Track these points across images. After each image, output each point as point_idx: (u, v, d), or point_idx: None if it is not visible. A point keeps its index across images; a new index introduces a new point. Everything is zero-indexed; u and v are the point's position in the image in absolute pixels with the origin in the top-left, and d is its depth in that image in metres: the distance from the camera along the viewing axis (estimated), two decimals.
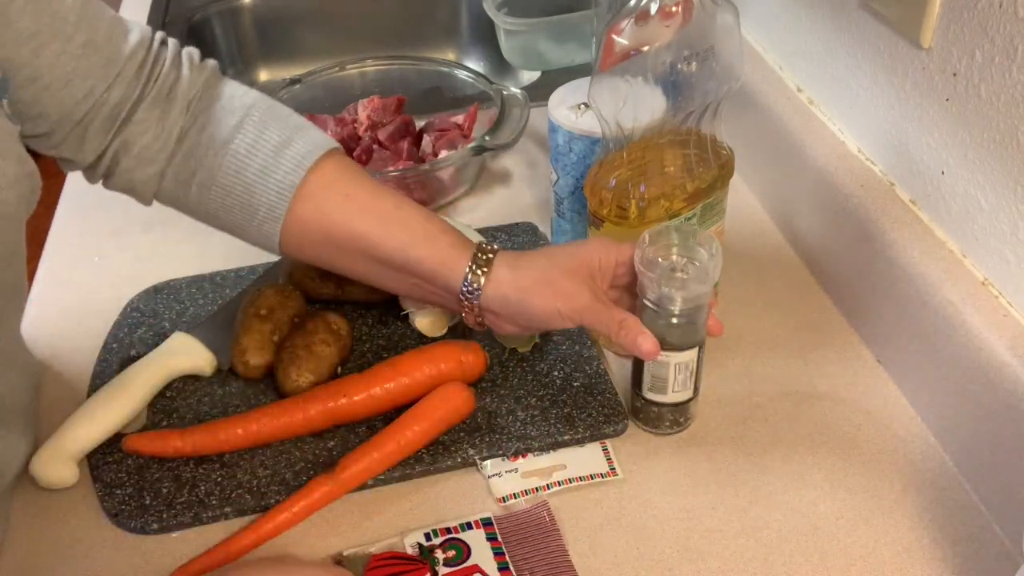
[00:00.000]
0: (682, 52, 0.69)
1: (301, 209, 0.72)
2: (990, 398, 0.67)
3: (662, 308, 0.68)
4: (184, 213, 0.77)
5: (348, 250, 0.73)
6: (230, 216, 0.74)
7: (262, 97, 0.75)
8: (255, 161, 0.71)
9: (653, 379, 0.71)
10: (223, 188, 0.72)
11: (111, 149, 0.71)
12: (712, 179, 0.76)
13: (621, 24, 0.68)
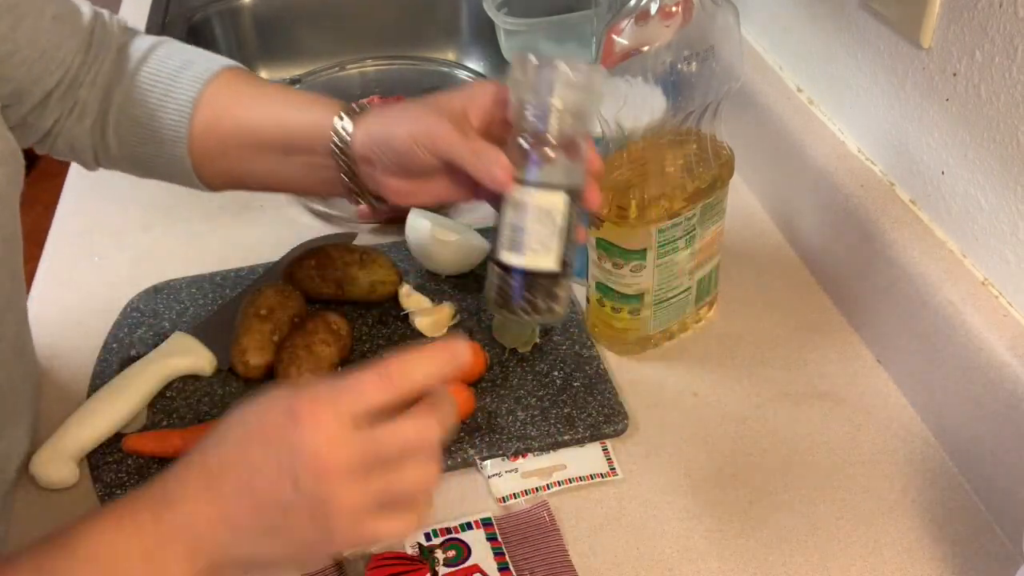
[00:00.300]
0: (682, 52, 0.69)
1: (202, 125, 0.72)
2: (990, 398, 0.67)
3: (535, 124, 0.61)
4: (118, 168, 0.77)
5: (242, 148, 0.72)
6: (144, 149, 0.73)
7: (169, 39, 0.76)
8: (157, 88, 0.72)
9: (511, 231, 0.61)
10: (132, 120, 0.73)
11: (65, 111, 0.72)
12: (712, 179, 0.76)
13: (621, 24, 0.67)
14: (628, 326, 0.80)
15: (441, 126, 0.63)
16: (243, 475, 0.48)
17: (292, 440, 0.47)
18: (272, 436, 0.48)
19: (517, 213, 0.61)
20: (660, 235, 0.75)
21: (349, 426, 0.47)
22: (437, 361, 0.50)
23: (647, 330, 0.81)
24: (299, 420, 0.47)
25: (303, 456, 0.47)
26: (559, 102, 0.60)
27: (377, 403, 0.48)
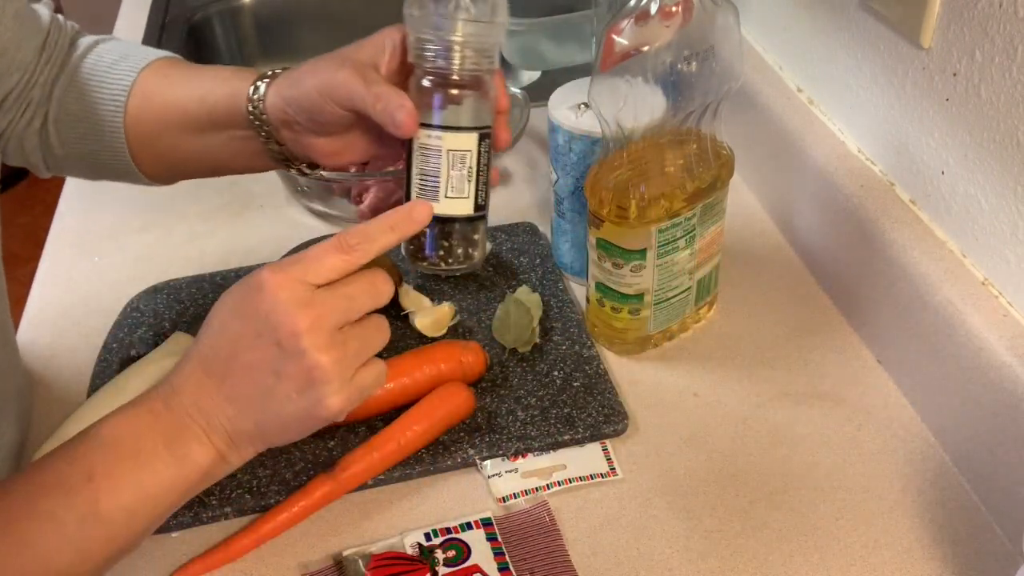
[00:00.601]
0: (682, 52, 0.69)
1: (135, 113, 0.72)
2: (990, 398, 0.67)
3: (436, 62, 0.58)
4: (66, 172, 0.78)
5: (171, 129, 0.72)
6: (85, 145, 0.73)
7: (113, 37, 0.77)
8: (93, 80, 0.72)
9: (422, 178, 0.60)
10: (72, 116, 0.73)
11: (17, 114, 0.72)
12: (712, 179, 0.76)
13: (621, 24, 0.67)
14: (628, 326, 0.80)
15: (342, 75, 0.62)
16: (230, 350, 0.52)
17: (265, 308, 0.52)
18: (247, 310, 0.52)
19: (425, 159, 0.60)
20: (660, 235, 0.75)
21: (313, 289, 0.53)
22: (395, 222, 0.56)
23: (647, 330, 0.81)
24: (267, 289, 0.52)
25: (278, 319, 0.51)
26: (460, 37, 0.57)
27: (338, 270, 0.54)
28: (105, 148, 0.73)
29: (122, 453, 0.52)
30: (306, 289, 0.52)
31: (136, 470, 0.52)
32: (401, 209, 0.57)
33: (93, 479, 0.51)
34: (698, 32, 0.69)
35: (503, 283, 0.89)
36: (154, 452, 0.52)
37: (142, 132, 0.73)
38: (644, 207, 0.73)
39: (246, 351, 0.52)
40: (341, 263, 0.54)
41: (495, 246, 0.93)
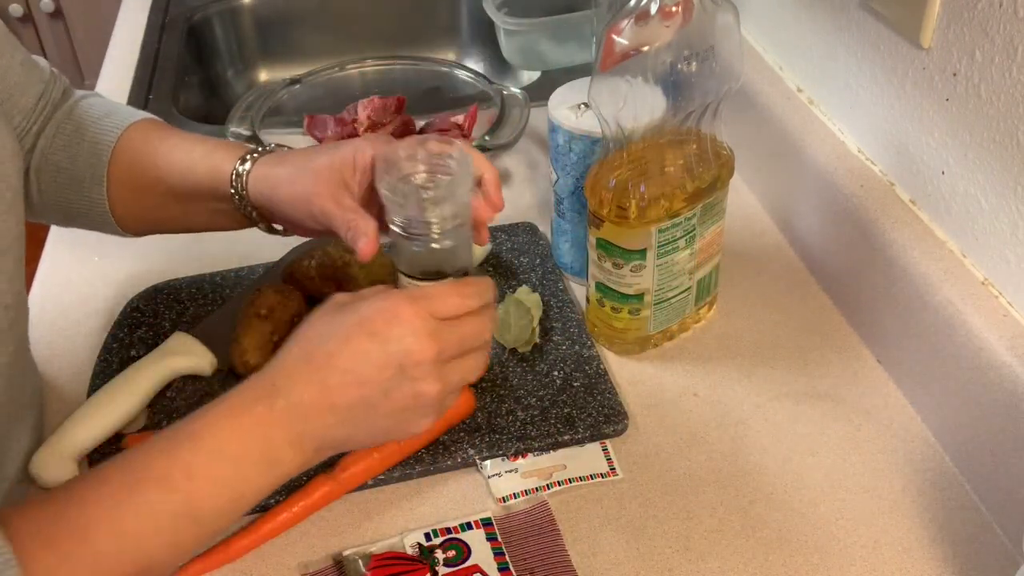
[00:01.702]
0: (682, 52, 0.69)
1: (118, 170, 0.74)
2: (990, 398, 0.67)
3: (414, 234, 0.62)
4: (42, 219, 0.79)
5: (152, 196, 0.74)
6: (64, 194, 0.75)
7: (99, 94, 0.80)
8: (78, 134, 0.74)
9: None
10: (54, 166, 0.74)
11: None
12: (712, 179, 0.76)
13: (621, 24, 0.67)
14: (628, 326, 0.80)
15: (316, 193, 0.67)
16: (349, 363, 0.56)
17: (395, 334, 0.56)
18: (377, 330, 0.56)
19: None
20: (660, 235, 0.75)
21: (438, 322, 0.57)
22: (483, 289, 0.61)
23: (647, 330, 0.81)
24: (404, 317, 0.56)
25: (409, 344, 0.56)
26: (433, 215, 0.62)
27: (454, 312, 0.59)
28: (85, 199, 0.75)
29: (223, 455, 0.54)
30: (434, 322, 0.57)
31: (233, 476, 0.54)
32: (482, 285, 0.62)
33: (193, 479, 0.53)
34: (698, 32, 0.69)
35: (503, 283, 0.89)
36: (251, 459, 0.55)
37: (124, 194, 0.75)
38: (644, 207, 0.73)
39: (367, 367, 0.56)
40: (461, 305, 0.59)
41: (495, 246, 0.93)
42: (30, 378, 0.74)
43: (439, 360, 0.57)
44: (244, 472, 0.54)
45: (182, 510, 0.52)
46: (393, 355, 0.56)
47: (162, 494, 0.52)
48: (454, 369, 0.59)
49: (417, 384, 0.57)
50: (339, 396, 0.56)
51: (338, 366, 0.56)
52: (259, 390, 0.56)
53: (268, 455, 0.55)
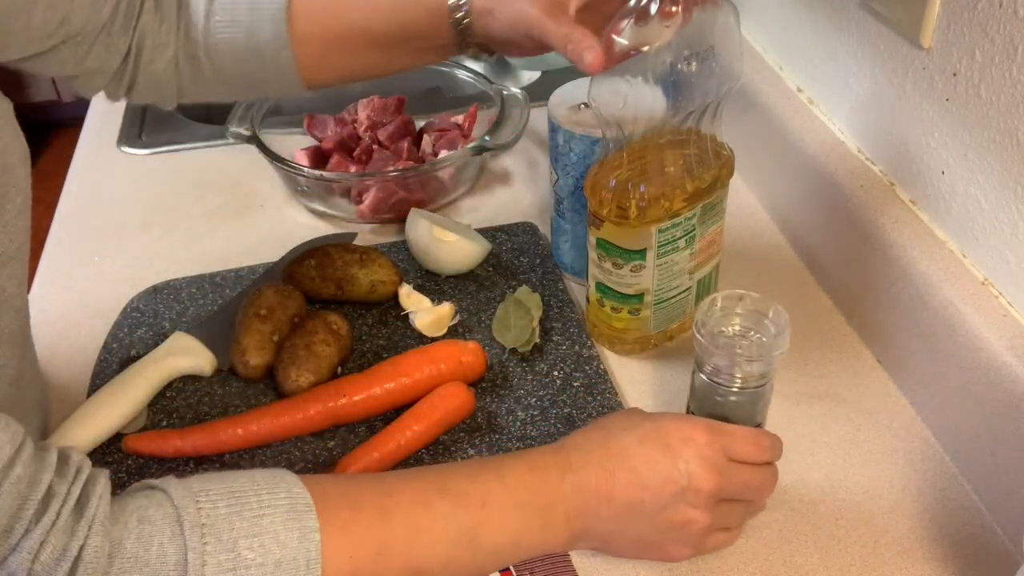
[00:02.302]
0: (682, 52, 0.69)
1: (298, 28, 0.73)
2: (990, 398, 0.67)
3: (714, 382, 0.64)
4: (206, 95, 0.78)
5: (351, 48, 0.75)
6: (244, 68, 0.75)
7: None
8: (240, 5, 0.73)
9: None
10: (227, 43, 0.74)
11: (133, 46, 0.72)
12: (712, 179, 0.76)
13: (621, 24, 0.67)
14: (628, 326, 0.80)
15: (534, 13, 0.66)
16: (638, 466, 0.59)
17: (688, 456, 0.59)
18: (671, 444, 0.59)
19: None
20: (660, 235, 0.75)
21: (727, 460, 0.60)
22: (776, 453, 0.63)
23: (647, 330, 0.81)
24: (696, 441, 0.59)
25: (695, 470, 0.58)
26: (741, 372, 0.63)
27: (749, 456, 0.61)
28: (269, 68, 0.75)
29: (515, 499, 0.58)
30: (724, 458, 0.60)
31: (516, 520, 0.57)
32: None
33: (486, 507, 0.56)
34: (698, 32, 0.69)
35: (503, 283, 0.89)
36: (534, 513, 0.58)
37: (316, 54, 0.75)
38: (644, 207, 0.73)
39: (653, 477, 0.58)
40: (753, 451, 0.61)
41: (495, 246, 0.93)
42: (36, 381, 0.74)
43: (716, 495, 0.59)
44: (526, 521, 0.58)
45: (468, 530, 0.56)
46: (679, 473, 0.58)
47: (458, 509, 0.56)
48: (727, 509, 0.62)
49: (691, 510, 0.59)
50: (620, 491, 0.59)
51: (627, 464, 0.59)
52: (559, 457, 0.60)
53: (547, 517, 0.58)
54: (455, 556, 0.55)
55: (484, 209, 1.02)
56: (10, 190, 0.59)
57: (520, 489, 0.58)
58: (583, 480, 0.59)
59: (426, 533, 0.54)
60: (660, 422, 0.61)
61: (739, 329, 0.65)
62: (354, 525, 0.52)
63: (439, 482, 0.57)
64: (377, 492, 0.55)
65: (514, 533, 0.57)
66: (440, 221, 0.90)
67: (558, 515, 0.58)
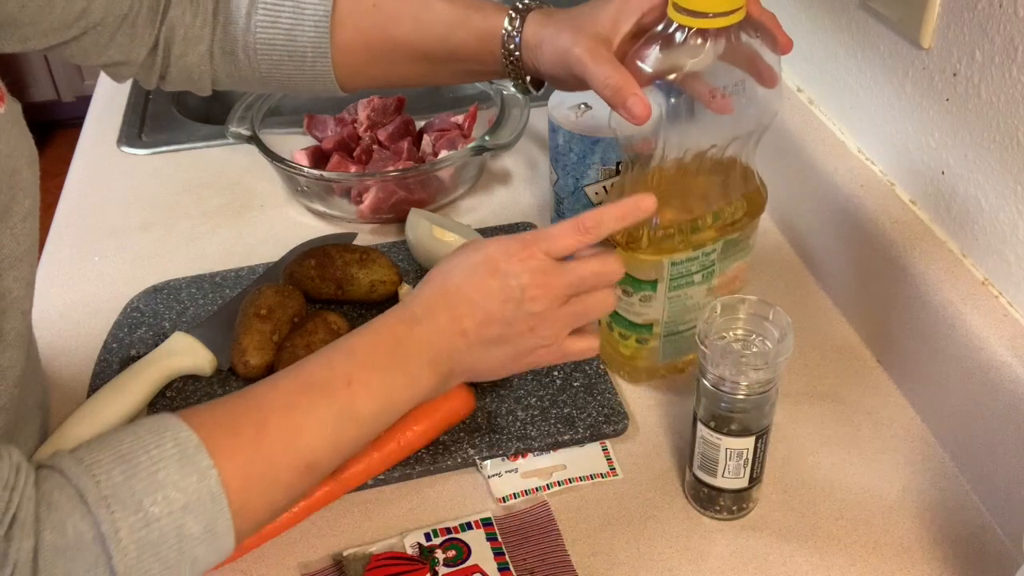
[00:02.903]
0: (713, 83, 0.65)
1: (341, 36, 0.75)
2: (990, 398, 0.67)
3: (720, 389, 0.63)
4: (240, 87, 0.80)
5: (395, 60, 0.77)
6: (282, 70, 0.77)
7: None
8: (284, 6, 0.74)
9: (702, 457, 0.67)
10: (266, 44, 0.75)
11: (161, 38, 0.74)
12: (738, 215, 0.73)
13: (646, 50, 0.65)
14: (636, 354, 0.78)
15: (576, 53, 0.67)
16: (475, 297, 0.61)
17: (515, 271, 0.61)
18: (498, 268, 0.61)
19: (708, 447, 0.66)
20: (673, 268, 0.71)
21: (553, 261, 0.62)
22: (624, 212, 0.63)
23: (655, 360, 0.78)
24: (518, 255, 0.61)
25: (524, 280, 0.61)
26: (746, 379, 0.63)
27: (573, 247, 0.62)
28: (307, 72, 0.77)
29: (374, 365, 0.60)
30: (548, 261, 0.62)
31: (384, 381, 0.60)
32: (629, 200, 0.63)
33: (351, 384, 0.58)
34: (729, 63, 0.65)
35: None
36: (396, 371, 0.60)
37: (356, 62, 0.77)
38: (658, 238, 0.70)
39: (491, 301, 0.61)
40: (575, 242, 0.62)
41: None
42: (39, 382, 0.74)
43: (555, 295, 0.62)
44: (391, 382, 0.60)
45: (343, 412, 0.58)
46: (512, 289, 0.61)
47: (325, 398, 0.58)
48: (573, 304, 0.63)
49: (535, 318, 0.62)
50: (468, 323, 0.61)
51: (466, 298, 0.61)
52: (402, 315, 0.62)
53: (409, 372, 0.60)
54: (340, 438, 0.58)
55: (484, 209, 1.02)
56: (18, 193, 0.59)
57: (375, 356, 0.60)
58: (431, 326, 0.61)
59: (305, 430, 0.56)
60: (486, 251, 0.62)
61: (741, 333, 0.64)
62: (239, 449, 0.54)
63: (300, 380, 0.58)
64: (249, 410, 0.56)
65: (384, 397, 0.60)
66: (440, 221, 0.90)
67: (419, 364, 0.60)
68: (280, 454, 0.55)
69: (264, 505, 0.55)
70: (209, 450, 0.52)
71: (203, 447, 0.52)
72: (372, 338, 0.61)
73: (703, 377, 0.64)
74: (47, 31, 0.68)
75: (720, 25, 0.63)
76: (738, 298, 0.65)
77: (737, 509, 0.69)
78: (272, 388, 0.58)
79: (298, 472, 0.56)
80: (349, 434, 0.58)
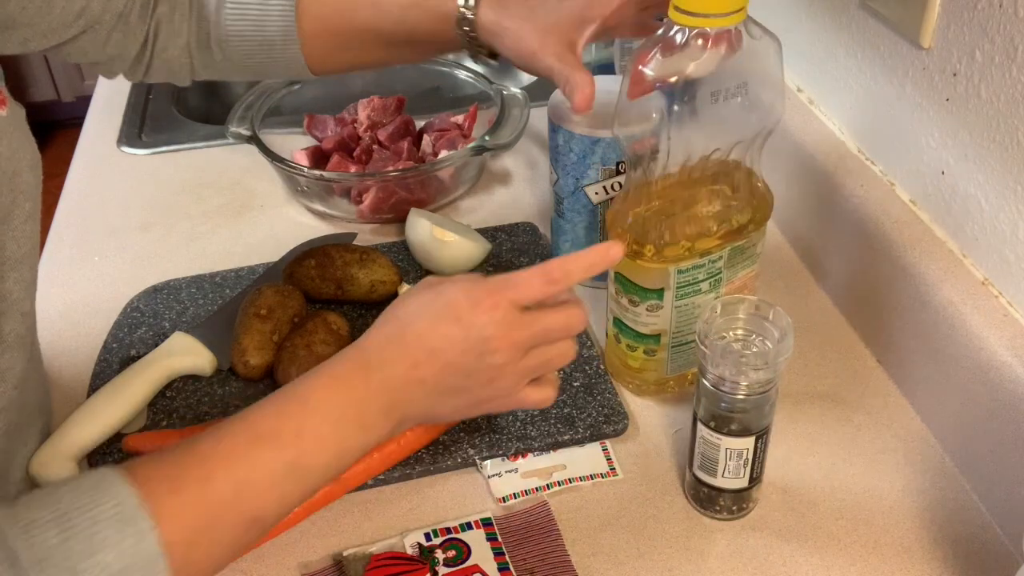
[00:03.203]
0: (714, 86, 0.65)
1: (307, 24, 0.77)
2: (990, 398, 0.67)
3: (720, 389, 0.63)
4: (217, 77, 0.82)
5: (360, 44, 0.79)
6: (254, 59, 0.79)
7: None
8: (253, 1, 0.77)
9: (702, 457, 0.67)
10: (237, 35, 0.77)
11: (150, 33, 0.76)
12: (744, 222, 0.72)
13: (648, 55, 0.64)
14: (644, 366, 0.77)
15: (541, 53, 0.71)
16: (436, 346, 0.59)
17: (479, 322, 0.59)
18: (461, 316, 0.59)
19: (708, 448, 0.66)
20: (679, 276, 0.71)
21: (520, 311, 0.60)
22: (592, 261, 0.62)
23: (663, 372, 0.77)
24: (482, 305, 0.59)
25: (489, 332, 0.59)
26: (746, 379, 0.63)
27: (540, 297, 0.61)
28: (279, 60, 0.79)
29: (326, 418, 0.58)
30: (514, 311, 0.60)
31: (334, 436, 0.58)
32: (596, 249, 0.62)
33: (301, 436, 0.57)
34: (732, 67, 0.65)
35: None
36: (349, 423, 0.58)
37: (324, 48, 0.79)
38: (662, 245, 0.70)
39: (451, 351, 0.59)
40: (542, 293, 0.61)
41: (495, 246, 0.93)
42: (40, 383, 0.74)
43: (517, 347, 0.60)
44: (344, 433, 0.58)
45: (292, 465, 0.56)
46: (474, 341, 0.59)
47: (275, 451, 0.56)
48: (534, 356, 0.61)
49: (495, 370, 0.60)
50: (427, 373, 0.59)
51: (425, 346, 0.59)
52: (356, 363, 0.60)
53: (363, 421, 0.59)
54: (287, 491, 0.56)
55: (484, 209, 1.02)
56: (19, 196, 0.60)
57: (328, 406, 0.58)
58: (388, 375, 0.59)
59: (251, 484, 0.55)
60: (448, 296, 0.60)
61: (741, 333, 0.64)
62: (182, 507, 0.52)
63: (249, 431, 0.56)
64: (194, 464, 0.54)
65: (336, 448, 0.58)
66: (440, 221, 0.90)
67: (373, 414, 0.59)
68: (225, 511, 0.54)
69: (207, 562, 0.53)
70: (150, 509, 0.50)
71: (143, 506, 0.50)
72: (327, 385, 0.59)
73: (703, 377, 0.64)
74: (47, 31, 0.68)
75: (721, 26, 0.63)
76: (738, 298, 0.65)
77: (737, 509, 0.69)
78: (219, 440, 0.56)
79: (243, 528, 0.55)
80: (298, 487, 0.57)
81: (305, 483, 0.57)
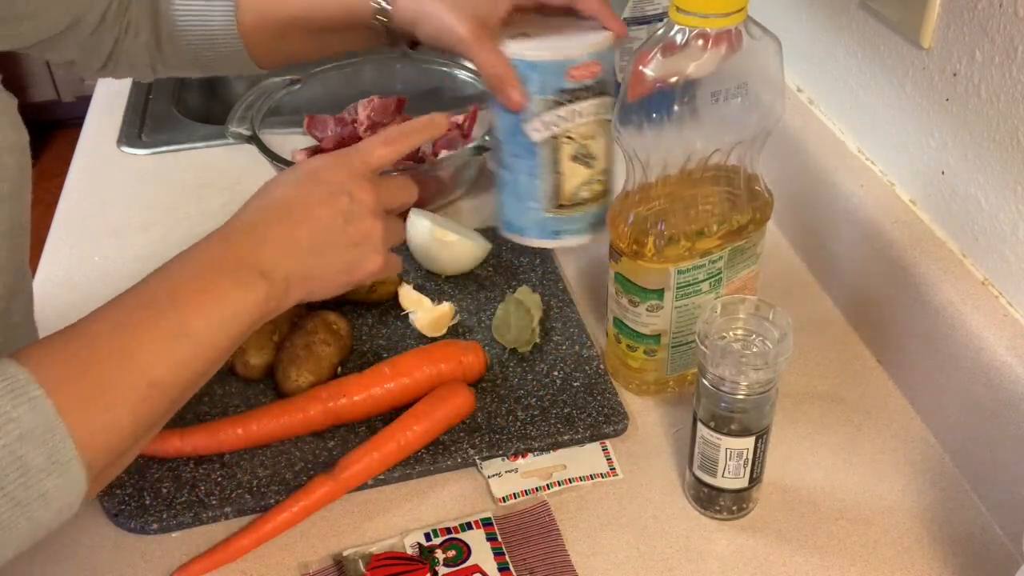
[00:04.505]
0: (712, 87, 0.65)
1: (246, 18, 0.80)
2: (990, 398, 0.67)
3: (720, 389, 0.63)
4: (175, 73, 0.85)
5: (294, 35, 0.81)
6: (203, 55, 0.82)
7: None
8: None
9: (702, 457, 0.67)
10: (184, 32, 0.81)
11: (120, 31, 0.78)
12: (744, 222, 0.72)
13: (648, 55, 0.64)
14: (644, 366, 0.77)
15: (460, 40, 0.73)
16: (307, 208, 0.62)
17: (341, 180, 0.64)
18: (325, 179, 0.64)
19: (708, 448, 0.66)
20: (680, 276, 0.71)
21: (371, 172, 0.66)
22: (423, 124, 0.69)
23: (663, 372, 0.77)
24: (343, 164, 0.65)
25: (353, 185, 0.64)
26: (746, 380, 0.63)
27: (387, 158, 0.66)
28: (224, 55, 0.82)
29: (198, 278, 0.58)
30: (365, 169, 0.65)
31: (210, 290, 0.58)
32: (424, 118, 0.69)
33: (176, 300, 0.57)
34: (732, 67, 0.65)
35: (503, 283, 0.89)
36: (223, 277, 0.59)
37: (264, 41, 0.81)
38: (662, 245, 0.70)
39: (322, 211, 0.62)
40: (387, 152, 0.66)
41: (495, 246, 0.93)
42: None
43: (379, 203, 0.65)
44: (220, 290, 0.58)
45: (174, 327, 0.56)
46: (339, 197, 0.63)
47: (153, 315, 0.56)
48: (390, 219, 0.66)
49: (367, 220, 0.64)
50: (301, 231, 0.62)
51: (295, 205, 0.62)
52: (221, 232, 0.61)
53: (238, 278, 0.59)
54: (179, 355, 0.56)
55: (484, 209, 1.02)
56: None
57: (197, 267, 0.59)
58: (260, 236, 0.61)
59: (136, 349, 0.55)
60: (304, 166, 0.65)
61: (741, 333, 0.64)
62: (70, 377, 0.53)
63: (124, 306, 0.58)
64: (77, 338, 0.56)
65: (216, 307, 0.58)
66: (440, 221, 0.90)
67: (248, 272, 0.59)
68: (115, 375, 0.54)
69: (110, 429, 0.53)
70: (40, 381, 0.51)
71: (32, 379, 0.51)
72: (189, 260, 0.60)
73: (703, 377, 0.64)
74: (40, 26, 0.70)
75: (721, 26, 0.63)
76: (738, 298, 0.65)
77: (737, 509, 0.69)
78: (97, 317, 0.58)
79: (139, 392, 0.55)
80: (190, 350, 0.57)
81: (196, 345, 0.57)
